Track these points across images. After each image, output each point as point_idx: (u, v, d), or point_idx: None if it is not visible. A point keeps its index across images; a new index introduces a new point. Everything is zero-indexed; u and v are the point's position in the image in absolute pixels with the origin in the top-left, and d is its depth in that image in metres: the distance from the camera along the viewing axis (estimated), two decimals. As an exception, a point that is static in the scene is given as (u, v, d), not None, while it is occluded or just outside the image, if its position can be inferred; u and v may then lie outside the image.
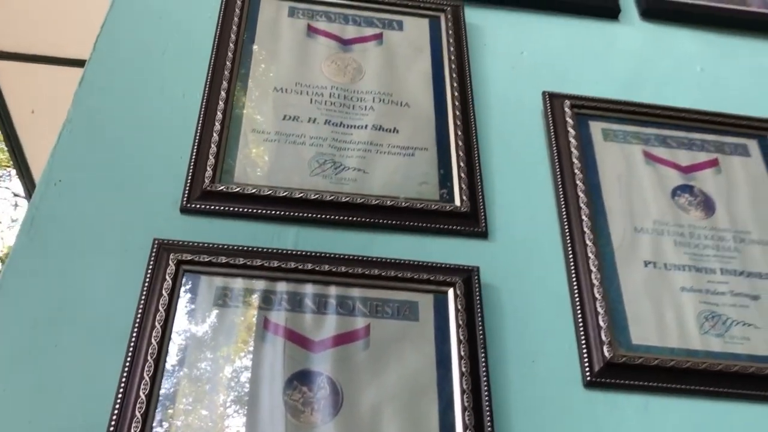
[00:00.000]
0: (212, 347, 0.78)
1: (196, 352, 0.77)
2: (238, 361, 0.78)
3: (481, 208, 0.97)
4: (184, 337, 0.78)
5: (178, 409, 0.73)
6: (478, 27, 1.22)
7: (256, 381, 0.76)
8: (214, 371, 0.76)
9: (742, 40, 1.31)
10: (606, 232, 0.96)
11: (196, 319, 0.80)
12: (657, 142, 1.08)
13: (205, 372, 0.76)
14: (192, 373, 0.76)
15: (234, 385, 0.76)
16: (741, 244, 0.99)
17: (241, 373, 0.77)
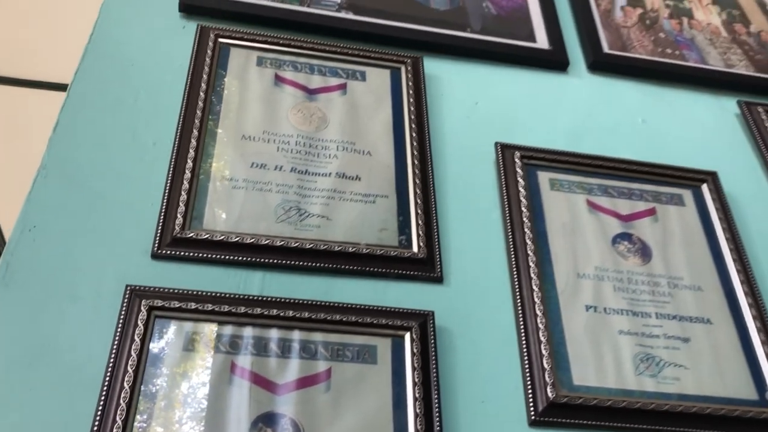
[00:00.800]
0: (183, 391, 0.83)
1: (167, 396, 0.82)
2: (207, 404, 0.82)
3: (437, 254, 1.04)
4: (155, 382, 0.83)
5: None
6: (437, 77, 1.29)
7: (223, 423, 0.81)
8: (184, 414, 0.81)
9: (680, 92, 1.41)
10: (551, 277, 1.04)
11: (167, 364, 0.84)
12: (599, 191, 1.16)
13: (176, 415, 0.81)
14: (163, 415, 0.80)
15: (203, 427, 0.80)
16: (674, 289, 1.07)
17: (210, 415, 0.81)
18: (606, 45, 1.42)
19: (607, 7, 1.51)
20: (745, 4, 1.63)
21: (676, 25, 1.53)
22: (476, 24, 1.39)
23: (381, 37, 1.31)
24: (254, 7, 1.28)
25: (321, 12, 1.31)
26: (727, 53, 1.50)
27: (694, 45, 1.49)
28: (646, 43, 1.46)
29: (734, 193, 1.24)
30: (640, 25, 1.50)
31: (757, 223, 1.21)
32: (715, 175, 1.22)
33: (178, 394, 0.82)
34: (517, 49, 1.37)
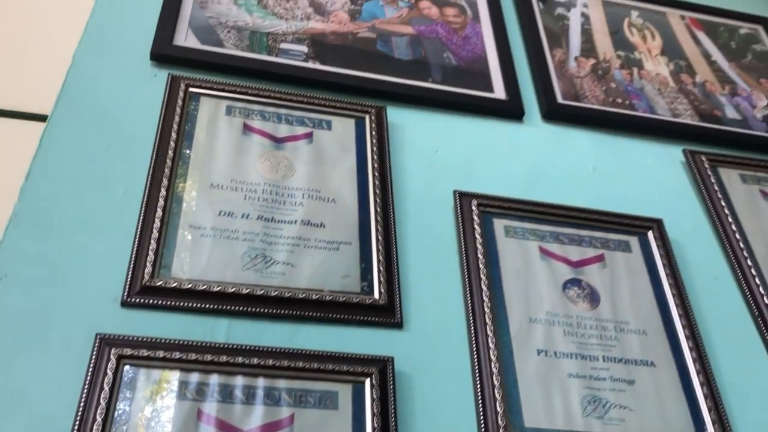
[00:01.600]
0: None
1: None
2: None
3: (397, 300, 1.09)
4: (124, 430, 0.86)
5: (116, 498, 0.81)
6: (400, 126, 1.35)
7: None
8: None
9: (629, 140, 1.49)
10: (505, 322, 1.10)
11: (134, 412, 0.87)
12: (551, 238, 1.23)
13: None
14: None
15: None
16: (621, 333, 1.14)
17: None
18: (560, 95, 1.50)
19: (561, 58, 1.59)
20: (691, 56, 1.73)
21: (626, 75, 1.62)
22: (437, 74, 1.46)
23: (347, 86, 1.36)
24: (224, 57, 1.33)
25: (289, 62, 1.37)
26: (674, 103, 1.59)
27: (644, 95, 1.58)
28: (598, 92, 1.55)
29: (679, 239, 1.31)
30: (592, 76, 1.58)
31: (699, 267, 1.29)
32: (660, 222, 1.30)
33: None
34: (475, 99, 1.44)
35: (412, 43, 1.51)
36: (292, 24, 1.45)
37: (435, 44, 1.52)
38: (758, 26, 1.89)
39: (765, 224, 1.38)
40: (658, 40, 1.74)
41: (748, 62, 1.77)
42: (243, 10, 1.44)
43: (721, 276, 1.29)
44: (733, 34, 1.84)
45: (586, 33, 1.69)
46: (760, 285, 1.26)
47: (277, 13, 1.46)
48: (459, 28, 1.58)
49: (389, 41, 1.50)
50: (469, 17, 1.61)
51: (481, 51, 1.54)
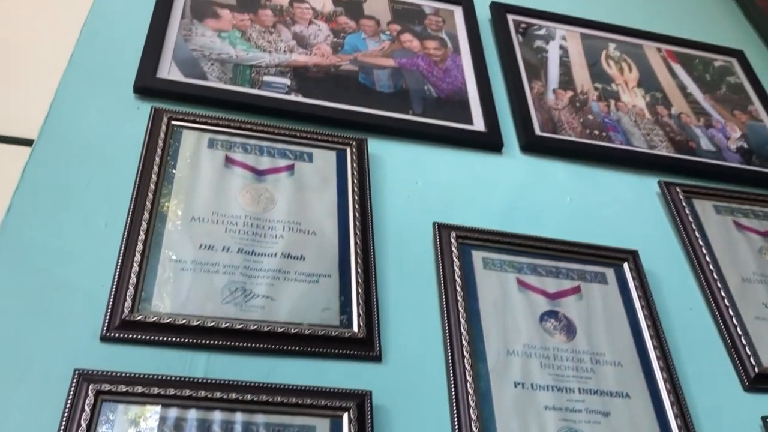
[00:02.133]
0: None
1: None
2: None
3: (376, 333, 1.10)
4: (99, 467, 0.86)
5: None
6: (381, 158, 1.37)
7: (165, 508, 0.84)
8: (126, 500, 0.84)
9: (606, 172, 1.52)
10: (483, 354, 1.11)
11: (111, 449, 0.88)
12: (529, 270, 1.25)
13: (118, 501, 0.84)
14: (106, 501, 0.84)
15: None
16: (596, 365, 1.15)
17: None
18: (538, 127, 1.53)
19: (540, 90, 1.63)
20: (667, 88, 1.77)
21: (604, 107, 1.65)
22: (418, 106, 1.49)
23: (328, 119, 1.38)
24: (207, 89, 1.34)
25: (271, 95, 1.39)
26: (650, 134, 1.62)
27: (620, 126, 1.61)
28: (576, 124, 1.58)
29: (654, 270, 1.34)
30: (570, 108, 1.62)
31: (674, 298, 1.31)
32: (635, 254, 1.32)
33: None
34: (455, 131, 1.46)
35: (393, 75, 1.54)
36: (275, 57, 1.48)
37: (416, 77, 1.55)
38: (732, 59, 1.93)
39: (738, 255, 1.41)
40: (635, 72, 1.78)
41: (722, 94, 1.81)
42: (227, 42, 1.46)
43: (696, 307, 1.32)
44: (708, 66, 1.88)
45: (564, 65, 1.72)
46: (733, 316, 1.28)
47: (261, 46, 1.49)
48: (440, 60, 1.61)
49: (371, 74, 1.52)
50: (449, 50, 1.64)
51: (461, 83, 1.57)
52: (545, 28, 1.80)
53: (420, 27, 1.67)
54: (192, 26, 1.46)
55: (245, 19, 1.53)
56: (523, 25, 1.79)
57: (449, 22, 1.71)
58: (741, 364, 1.23)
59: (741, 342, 1.25)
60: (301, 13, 1.60)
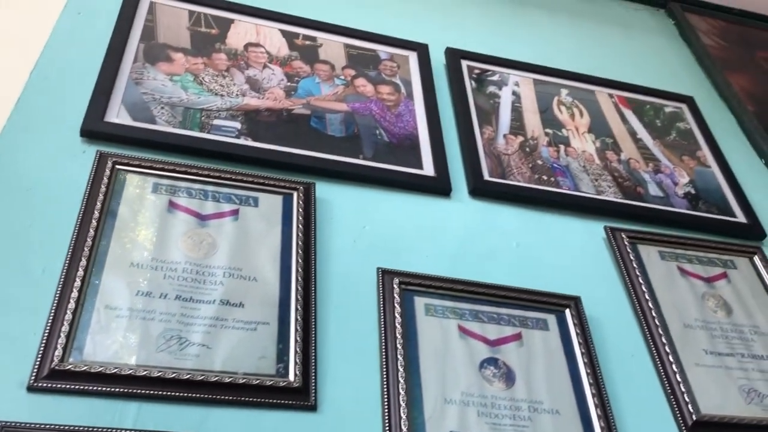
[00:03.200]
0: None
1: None
2: None
3: (312, 382, 1.09)
4: None
5: None
6: (329, 202, 1.38)
7: None
8: None
9: (553, 217, 1.54)
10: (420, 403, 1.11)
11: (29, 504, 0.86)
12: (470, 316, 1.25)
13: None
14: None
15: None
16: (534, 413, 1.16)
17: None
18: (487, 172, 1.55)
19: (490, 135, 1.65)
20: (617, 133, 1.81)
21: (553, 152, 1.68)
22: (369, 151, 1.50)
23: (277, 163, 1.40)
24: (152, 133, 1.35)
25: (219, 138, 1.40)
26: (598, 180, 1.65)
27: (569, 172, 1.64)
28: (525, 169, 1.60)
29: (597, 315, 1.35)
30: (520, 153, 1.64)
31: (616, 344, 1.33)
32: (578, 300, 1.34)
33: None
34: (404, 176, 1.48)
35: (345, 120, 1.56)
36: (227, 100, 1.49)
37: (368, 121, 1.57)
38: (683, 105, 1.98)
39: (681, 300, 1.43)
40: (586, 117, 1.82)
41: (672, 140, 1.85)
42: (179, 86, 1.48)
43: (637, 353, 1.33)
44: (659, 112, 1.93)
45: (516, 111, 1.76)
46: (673, 362, 1.30)
47: (213, 90, 1.50)
48: (393, 105, 1.63)
49: (323, 118, 1.54)
50: (403, 95, 1.67)
51: (413, 128, 1.60)
52: (499, 74, 1.84)
53: (374, 72, 1.70)
54: (144, 70, 1.48)
55: (198, 63, 1.55)
56: (477, 70, 1.82)
57: (404, 68, 1.74)
58: (679, 412, 1.24)
59: (680, 389, 1.26)
60: (255, 57, 1.62)
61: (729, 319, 1.43)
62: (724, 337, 1.39)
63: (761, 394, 1.31)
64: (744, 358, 1.36)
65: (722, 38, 2.37)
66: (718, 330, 1.40)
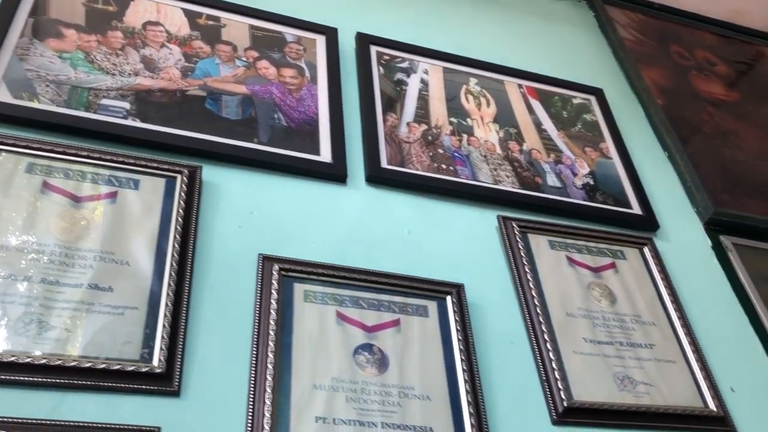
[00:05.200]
0: None
1: None
2: None
3: (177, 367, 1.08)
4: None
5: None
6: (216, 186, 1.37)
7: None
8: None
9: (448, 206, 1.55)
10: (288, 389, 1.11)
11: None
12: (351, 303, 1.26)
13: None
14: None
15: None
16: (404, 399, 1.17)
17: None
18: (385, 159, 1.56)
19: (393, 123, 1.65)
20: (522, 124, 1.83)
21: (455, 141, 1.69)
22: (264, 135, 1.49)
23: (164, 145, 1.37)
24: (33, 111, 1.31)
25: (104, 119, 1.36)
26: (497, 169, 1.67)
27: (469, 161, 1.66)
28: (424, 158, 1.61)
29: (481, 303, 1.37)
30: (421, 141, 1.65)
31: (497, 332, 1.35)
32: (460, 288, 1.35)
33: None
34: (299, 161, 1.47)
35: (243, 102, 1.54)
36: (119, 80, 1.46)
37: (267, 105, 1.56)
38: (591, 97, 2.01)
39: (566, 289, 1.46)
40: (493, 107, 1.84)
41: (576, 131, 1.88)
42: (68, 64, 1.44)
43: (517, 340, 1.35)
44: (567, 103, 1.96)
45: (422, 99, 1.76)
46: (551, 350, 1.33)
47: (105, 68, 1.47)
48: (295, 89, 1.62)
49: (219, 100, 1.52)
50: (306, 79, 1.66)
51: (313, 113, 1.59)
52: (408, 61, 1.84)
53: (279, 54, 1.68)
54: (31, 46, 1.43)
55: (91, 41, 1.51)
56: (386, 57, 1.82)
57: (310, 51, 1.73)
58: (552, 398, 1.27)
59: (554, 376, 1.29)
60: (153, 36, 1.59)
61: (612, 308, 1.47)
62: (605, 326, 1.43)
63: (635, 381, 1.35)
64: (622, 347, 1.40)
65: (640, 32, 2.41)
66: (600, 319, 1.44)
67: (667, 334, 1.46)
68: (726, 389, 1.44)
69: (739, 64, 2.50)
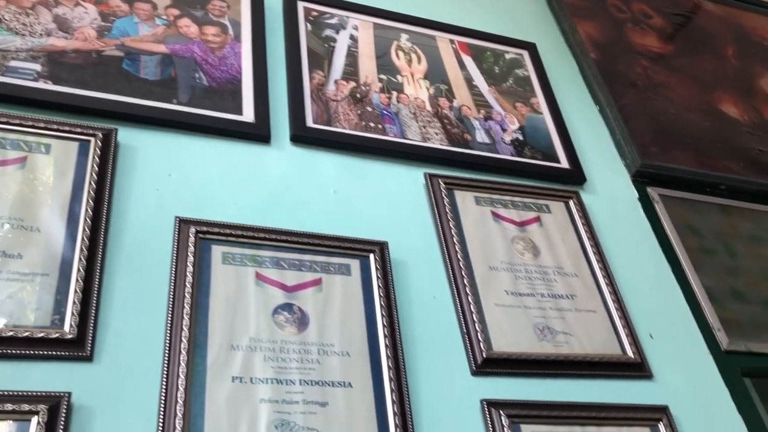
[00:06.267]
0: None
1: None
2: None
3: (89, 332, 1.08)
4: None
5: None
6: (133, 148, 1.34)
7: None
8: None
9: (375, 164, 1.55)
10: (203, 350, 1.12)
11: None
12: (271, 264, 1.26)
13: None
14: None
15: None
16: (324, 356, 1.19)
17: None
18: (311, 118, 1.54)
19: (320, 81, 1.64)
20: (453, 80, 1.83)
21: (385, 99, 1.68)
22: (184, 95, 1.46)
23: (76, 107, 1.34)
24: (-67, 75, 1.27)
25: (14, 81, 1.32)
26: (426, 127, 1.67)
27: (398, 119, 1.65)
28: (352, 116, 1.60)
29: (405, 260, 1.38)
30: (349, 99, 1.64)
31: (421, 288, 1.37)
32: (384, 245, 1.36)
33: None
34: (220, 122, 1.45)
35: (162, 62, 1.50)
36: (29, 40, 1.41)
37: (188, 64, 1.52)
38: (524, 51, 2.01)
39: (490, 245, 1.48)
40: (424, 63, 1.83)
41: (508, 87, 1.89)
42: (-27, 24, 1.38)
43: (440, 295, 1.37)
44: (499, 59, 1.96)
45: (351, 56, 1.74)
46: (472, 303, 1.35)
47: (14, 29, 1.41)
48: (217, 47, 1.59)
49: (137, 60, 1.48)
50: (230, 37, 1.62)
51: (236, 72, 1.56)
52: (337, 17, 1.81)
53: (201, 12, 1.64)
54: (-68, 5, 1.37)
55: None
56: (315, 13, 1.79)
57: (234, 8, 1.69)
58: (471, 350, 1.30)
59: (475, 328, 1.32)
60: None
61: (535, 261, 1.50)
62: (528, 279, 1.46)
63: (554, 331, 1.39)
64: (543, 298, 1.44)
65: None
66: (523, 272, 1.46)
67: (588, 285, 1.50)
68: (645, 336, 1.48)
69: (675, 17, 2.52)
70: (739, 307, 1.68)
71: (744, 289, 1.72)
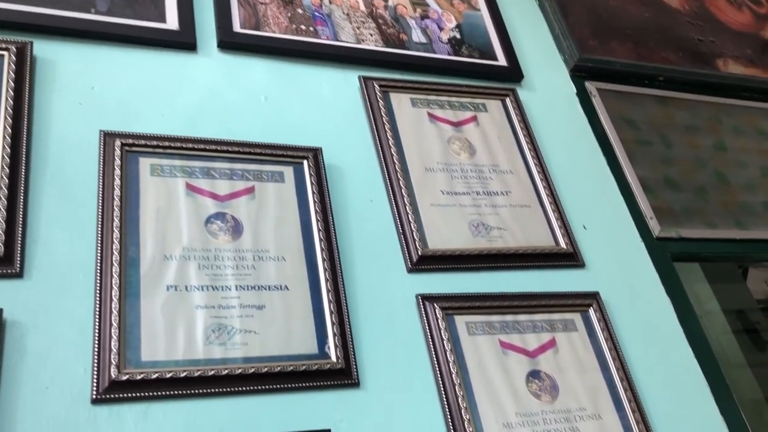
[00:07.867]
0: None
1: None
2: None
3: (17, 249, 1.07)
4: None
5: None
6: (51, 62, 1.29)
7: None
8: None
9: (307, 68, 1.52)
10: (136, 262, 1.12)
11: None
12: (201, 174, 1.25)
13: None
14: None
15: None
16: (259, 261, 1.20)
17: None
18: (238, 23, 1.50)
19: (247, -16, 1.57)
20: (388, -22, 1.77)
21: (316, 0, 1.63)
22: (102, 4, 1.40)
23: (-15, 21, 1.28)
24: None
25: None
26: (360, 28, 1.63)
27: (330, 21, 1.61)
28: (282, 20, 1.56)
29: (340, 165, 1.39)
30: (279, 1, 1.58)
31: (357, 192, 1.38)
32: (318, 151, 1.36)
33: None
34: (142, 31, 1.40)
35: (77, -31, 1.42)
36: (-73, -51, 1.32)
37: (104, -30, 1.45)
38: (462, -54, 1.95)
39: (426, 146, 1.49)
40: (357, -38, 1.76)
41: (445, -17, 1.84)
42: None
43: (376, 198, 1.39)
44: (436, -46, 1.89)
45: (280, -44, 1.67)
46: (408, 204, 1.37)
47: None
48: (135, -49, 1.50)
49: (49, -32, 1.40)
50: (149, -61, 1.53)
51: (157, -23, 1.49)
52: None
53: None
54: None
55: None
56: None
57: None
58: (407, 249, 1.33)
59: (411, 228, 1.34)
60: None
61: (471, 160, 1.51)
62: (463, 177, 1.48)
63: (489, 227, 1.42)
64: (479, 196, 1.46)
65: None
66: (459, 171, 1.48)
67: (523, 181, 1.53)
68: (579, 228, 1.53)
69: None
70: (673, 195, 1.73)
71: (678, 177, 1.77)
